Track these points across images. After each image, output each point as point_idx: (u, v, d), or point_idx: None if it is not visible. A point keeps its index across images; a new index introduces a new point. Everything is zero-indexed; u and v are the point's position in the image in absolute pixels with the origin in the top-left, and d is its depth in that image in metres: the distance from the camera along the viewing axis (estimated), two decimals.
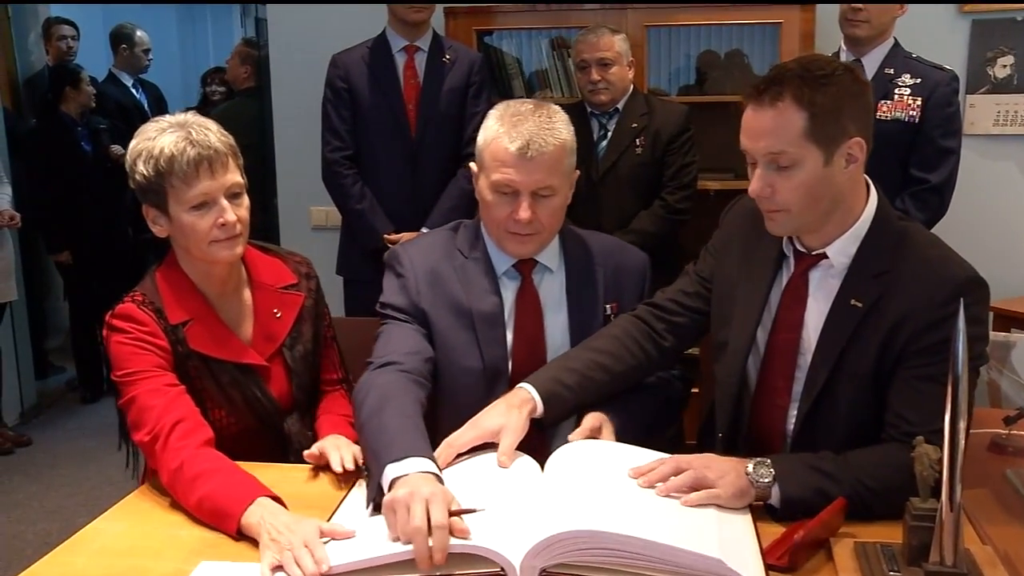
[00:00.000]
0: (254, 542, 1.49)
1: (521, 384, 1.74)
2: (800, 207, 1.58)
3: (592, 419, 1.63)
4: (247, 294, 1.94)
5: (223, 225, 1.77)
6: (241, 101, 4.93)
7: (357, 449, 1.75)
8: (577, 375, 1.77)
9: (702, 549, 1.29)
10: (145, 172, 1.76)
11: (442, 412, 1.84)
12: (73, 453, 4.43)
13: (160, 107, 5.47)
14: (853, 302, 1.59)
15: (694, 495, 1.47)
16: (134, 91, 5.58)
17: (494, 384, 1.86)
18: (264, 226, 4.20)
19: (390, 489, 1.44)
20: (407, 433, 1.54)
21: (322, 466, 1.78)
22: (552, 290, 1.92)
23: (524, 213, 1.79)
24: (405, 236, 3.20)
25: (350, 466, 1.71)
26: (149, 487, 1.74)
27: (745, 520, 1.49)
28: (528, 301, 1.90)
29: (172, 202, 1.77)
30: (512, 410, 1.69)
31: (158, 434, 1.69)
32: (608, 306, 1.94)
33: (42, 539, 3.54)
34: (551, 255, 1.92)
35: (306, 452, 1.78)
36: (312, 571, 1.36)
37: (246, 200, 1.83)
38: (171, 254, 1.87)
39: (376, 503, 1.48)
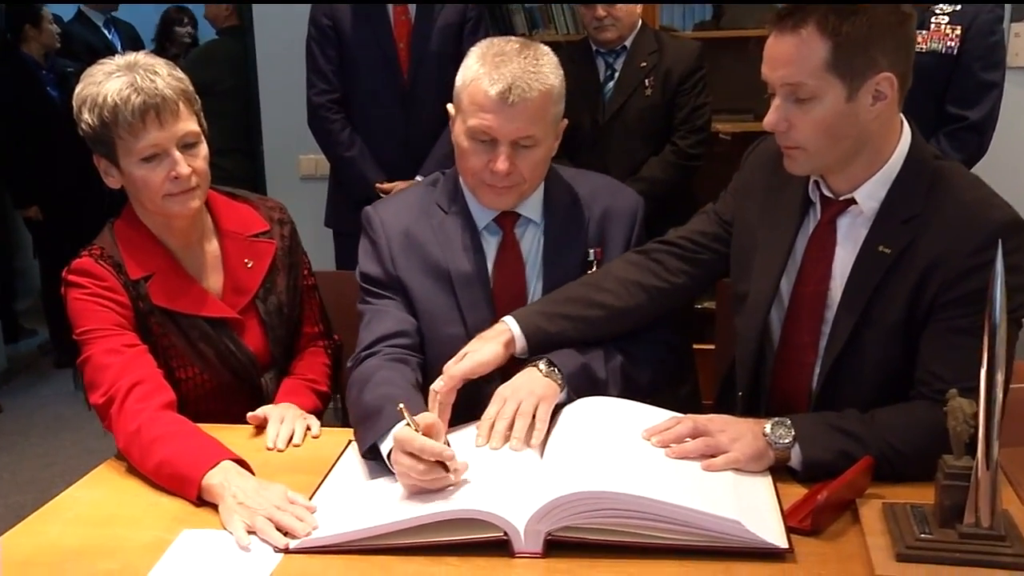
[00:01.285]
0: None
1: (504, 318, 1.73)
2: (818, 145, 1.55)
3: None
4: (214, 244, 1.91)
5: (176, 178, 1.73)
6: (222, 41, 4.83)
7: (312, 423, 1.78)
8: (568, 308, 1.74)
9: (719, 511, 1.29)
10: (91, 122, 1.72)
11: (430, 382, 1.77)
12: (47, 421, 4.42)
13: (135, 49, 5.34)
14: (881, 248, 1.56)
15: (714, 460, 1.48)
16: (105, 31, 5.48)
17: None
18: (250, 176, 4.15)
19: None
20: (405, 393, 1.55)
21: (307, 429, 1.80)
22: (535, 242, 1.88)
23: (502, 164, 1.74)
24: (399, 185, 3.17)
25: (281, 446, 1.71)
26: None
27: (764, 481, 1.48)
28: (509, 258, 1.86)
29: (121, 154, 1.73)
30: (484, 342, 1.67)
31: (114, 396, 1.67)
32: (592, 251, 1.89)
33: (15, 512, 3.53)
34: (534, 206, 1.87)
35: (249, 414, 1.77)
36: (302, 530, 1.37)
37: (203, 150, 1.78)
38: (129, 205, 1.84)
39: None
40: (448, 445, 1.42)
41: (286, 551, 1.37)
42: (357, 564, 1.34)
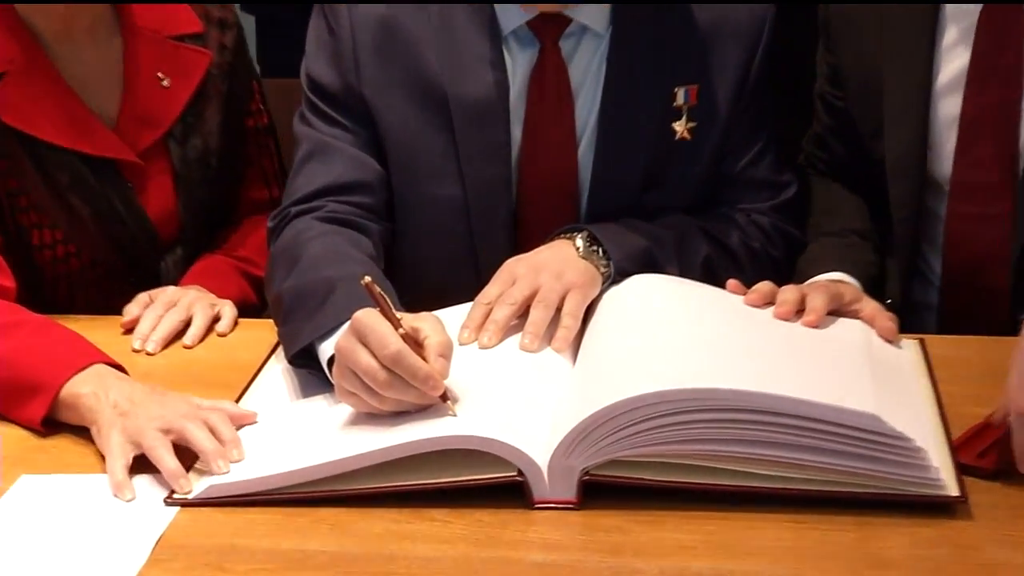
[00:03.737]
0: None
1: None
2: None
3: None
4: (115, 44, 1.68)
5: None
6: None
7: (224, 313, 1.61)
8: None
9: (853, 402, 1.12)
10: None
11: (405, 274, 1.61)
12: None
13: None
14: None
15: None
16: None
17: (489, 227, 1.61)
18: None
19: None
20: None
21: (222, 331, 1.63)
22: (592, 66, 1.60)
23: None
24: None
25: (152, 348, 1.53)
26: None
27: (922, 386, 1.34)
28: (548, 84, 1.58)
29: None
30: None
31: None
32: (684, 90, 1.61)
33: None
34: (596, 10, 1.57)
35: (125, 309, 1.58)
36: (220, 461, 1.19)
37: None
38: None
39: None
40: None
41: (183, 503, 1.15)
42: (297, 522, 1.14)
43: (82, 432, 1.29)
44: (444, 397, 1.17)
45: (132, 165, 1.68)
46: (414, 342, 1.16)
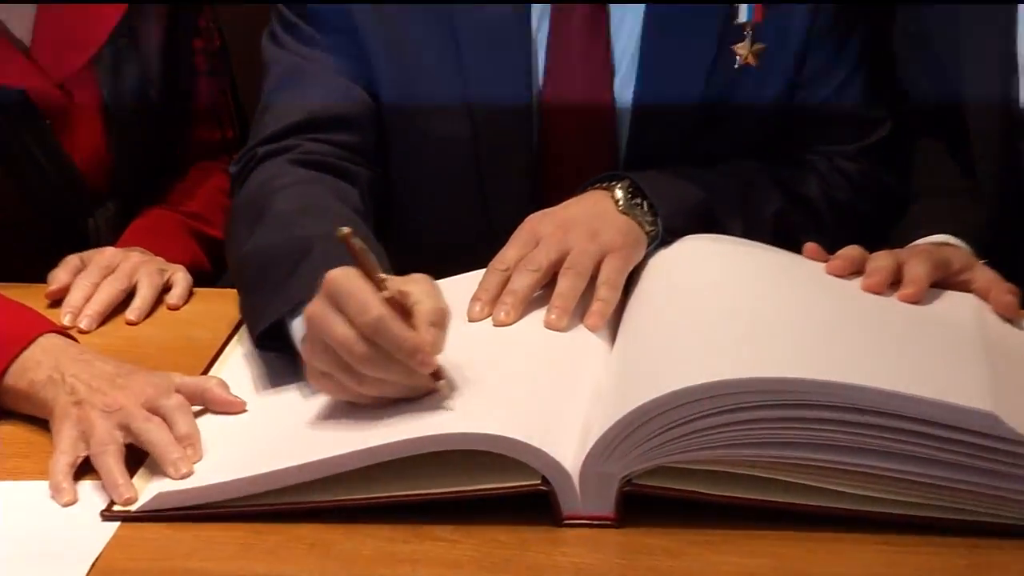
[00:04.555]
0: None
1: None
2: None
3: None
4: None
5: None
6: None
7: (176, 281, 1.51)
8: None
9: (962, 397, 1.04)
10: None
11: (400, 234, 1.58)
12: None
13: None
14: None
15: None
16: None
17: (505, 174, 1.56)
18: None
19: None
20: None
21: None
22: None
23: None
24: None
25: (86, 324, 1.43)
26: None
27: None
28: None
29: None
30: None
31: None
32: (747, 5, 1.52)
33: None
34: None
35: (51, 276, 1.51)
36: (183, 462, 1.09)
37: None
38: None
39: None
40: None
41: (124, 516, 1.06)
42: (268, 541, 1.06)
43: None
44: (437, 375, 1.10)
45: (50, 97, 1.62)
46: (401, 308, 1.08)
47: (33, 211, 1.65)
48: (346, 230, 1.11)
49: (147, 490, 1.09)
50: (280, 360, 1.29)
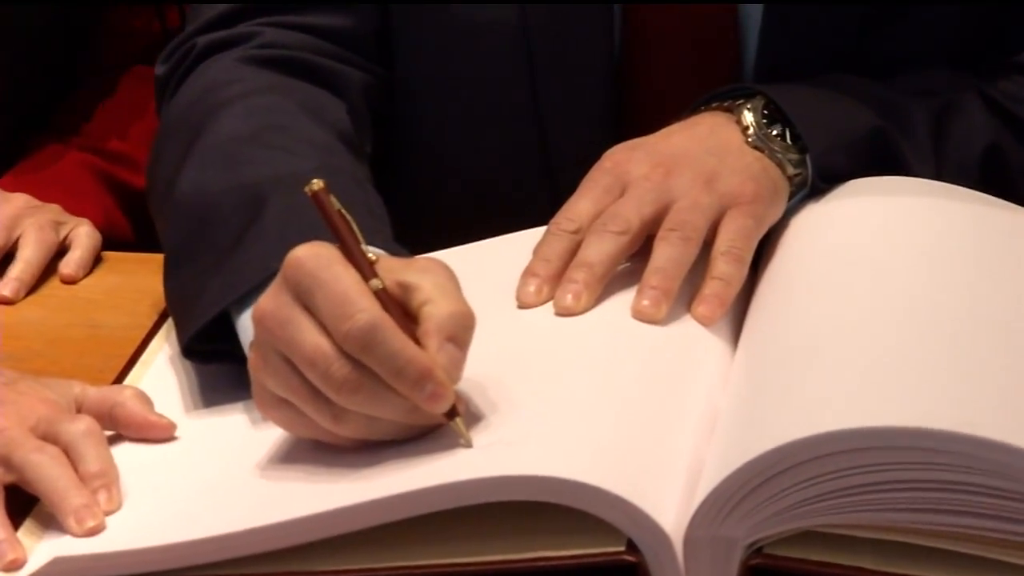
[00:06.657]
0: None
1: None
2: None
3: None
4: None
5: None
6: None
7: (77, 241, 1.27)
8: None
9: None
10: None
11: (411, 179, 1.32)
12: None
13: None
14: None
15: None
16: None
17: (569, 82, 1.26)
18: None
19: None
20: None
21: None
22: None
23: None
24: None
25: (8, 292, 1.20)
26: None
27: None
28: None
29: None
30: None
31: None
32: None
33: None
34: None
35: None
36: (102, 505, 0.87)
37: None
38: None
39: None
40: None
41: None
42: None
43: None
44: (452, 413, 0.85)
45: None
46: (402, 309, 0.82)
47: None
48: (318, 184, 0.85)
49: (38, 551, 0.87)
50: (224, 370, 1.04)
